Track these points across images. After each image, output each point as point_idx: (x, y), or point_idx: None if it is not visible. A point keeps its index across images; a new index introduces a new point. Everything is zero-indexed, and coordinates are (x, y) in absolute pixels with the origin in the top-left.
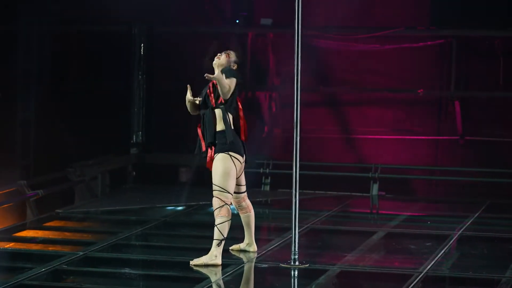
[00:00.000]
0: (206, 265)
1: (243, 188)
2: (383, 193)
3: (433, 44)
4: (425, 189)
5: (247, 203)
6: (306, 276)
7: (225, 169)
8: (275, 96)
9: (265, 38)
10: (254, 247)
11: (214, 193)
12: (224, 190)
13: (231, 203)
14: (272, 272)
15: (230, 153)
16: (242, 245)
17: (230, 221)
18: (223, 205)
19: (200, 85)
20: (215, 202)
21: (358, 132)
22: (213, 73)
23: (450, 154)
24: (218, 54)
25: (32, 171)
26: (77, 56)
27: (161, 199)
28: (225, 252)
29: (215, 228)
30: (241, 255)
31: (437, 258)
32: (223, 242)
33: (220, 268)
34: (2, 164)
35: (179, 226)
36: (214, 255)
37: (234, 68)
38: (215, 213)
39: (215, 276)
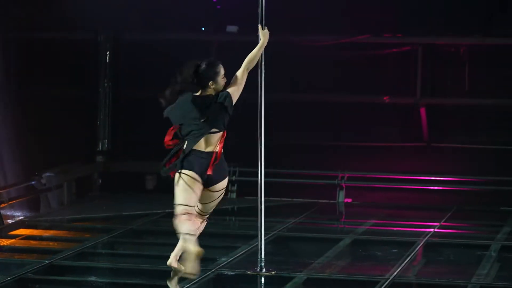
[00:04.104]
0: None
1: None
2: (350, 200)
3: (399, 51)
4: (391, 196)
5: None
6: (273, 283)
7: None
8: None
9: (231, 45)
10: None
11: None
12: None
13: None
14: (238, 279)
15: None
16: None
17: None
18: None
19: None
20: None
21: (325, 139)
22: None
23: (416, 161)
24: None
25: None
26: (42, 63)
27: (127, 207)
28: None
29: None
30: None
31: (403, 264)
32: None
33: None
34: None
35: (146, 234)
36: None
37: None
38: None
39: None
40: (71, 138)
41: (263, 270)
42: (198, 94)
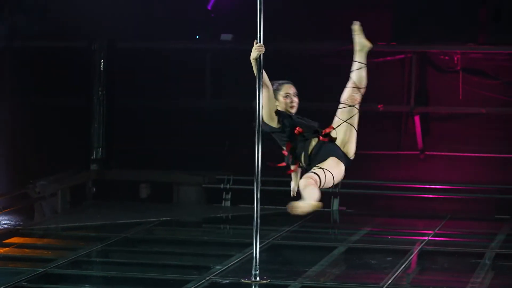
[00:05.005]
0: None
1: None
2: (344, 208)
3: (393, 59)
4: (385, 204)
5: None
6: None
7: None
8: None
9: (225, 54)
10: None
11: None
12: None
13: None
14: (233, 287)
15: None
16: None
17: None
18: None
19: (162, 101)
20: None
21: None
22: None
23: (410, 169)
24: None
25: None
26: (36, 71)
27: (122, 216)
28: (186, 268)
29: None
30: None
31: (397, 273)
32: None
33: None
34: None
35: (140, 242)
36: None
37: None
38: None
39: None
40: (65, 146)
41: (258, 279)
42: None
